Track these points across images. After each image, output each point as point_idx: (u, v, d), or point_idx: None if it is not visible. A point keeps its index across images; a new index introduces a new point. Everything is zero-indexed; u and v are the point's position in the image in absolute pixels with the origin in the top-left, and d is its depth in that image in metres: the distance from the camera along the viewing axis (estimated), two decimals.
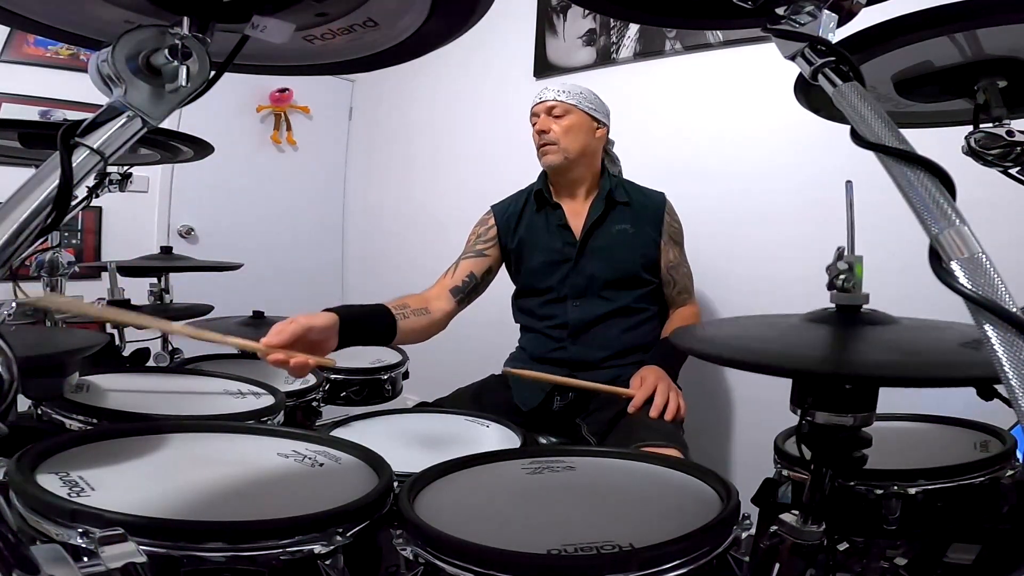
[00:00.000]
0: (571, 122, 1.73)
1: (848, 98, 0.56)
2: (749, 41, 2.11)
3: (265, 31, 0.65)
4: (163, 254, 1.91)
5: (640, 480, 0.95)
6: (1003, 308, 0.42)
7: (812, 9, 0.62)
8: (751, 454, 2.14)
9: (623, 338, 1.72)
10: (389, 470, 0.87)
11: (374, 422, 1.34)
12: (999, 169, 0.92)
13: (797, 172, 2.06)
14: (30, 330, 1.36)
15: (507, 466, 0.98)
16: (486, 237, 1.81)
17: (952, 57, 0.86)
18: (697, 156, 2.29)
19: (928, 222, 0.47)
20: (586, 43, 2.60)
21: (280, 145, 3.47)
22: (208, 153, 1.65)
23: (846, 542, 0.90)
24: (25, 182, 0.54)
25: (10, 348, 0.47)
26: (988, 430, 1.10)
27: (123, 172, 1.71)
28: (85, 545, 0.59)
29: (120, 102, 0.58)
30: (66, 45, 2.64)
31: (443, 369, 2.10)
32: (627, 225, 1.74)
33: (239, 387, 1.33)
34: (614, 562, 0.67)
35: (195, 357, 1.76)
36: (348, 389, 1.80)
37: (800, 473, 0.96)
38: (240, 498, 0.80)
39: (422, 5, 0.68)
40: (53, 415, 1.03)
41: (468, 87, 3.09)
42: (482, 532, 0.72)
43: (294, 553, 0.68)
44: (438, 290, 1.67)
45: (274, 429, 1.07)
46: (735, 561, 0.74)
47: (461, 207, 2.25)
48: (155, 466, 0.87)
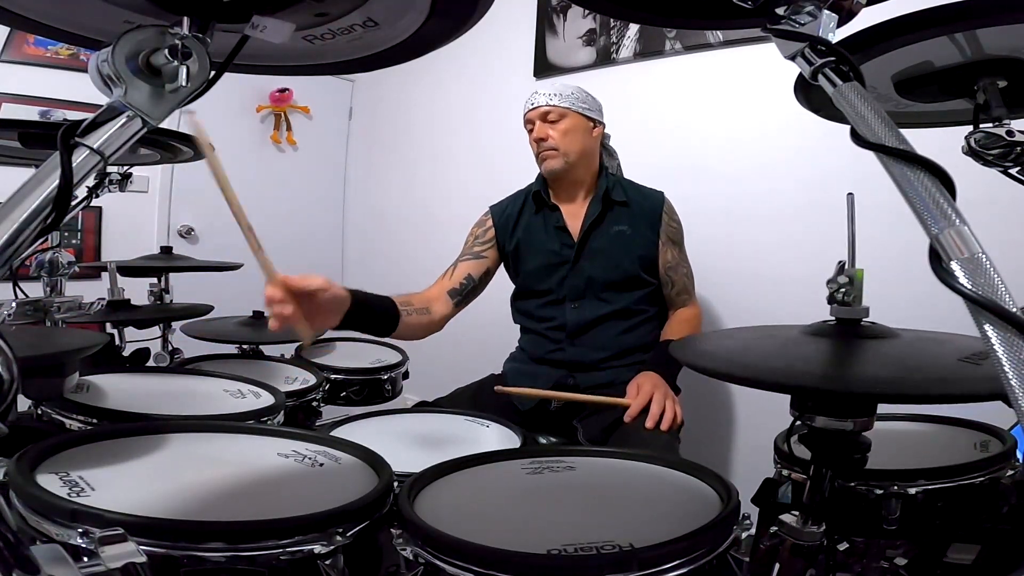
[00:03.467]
0: (568, 125, 1.72)
1: (848, 98, 0.56)
2: (749, 41, 2.11)
3: (265, 31, 0.65)
4: (163, 254, 1.91)
5: (640, 480, 0.95)
6: (1003, 308, 0.42)
7: (812, 9, 0.62)
8: (751, 454, 2.14)
9: (622, 339, 1.71)
10: (389, 470, 0.87)
11: (374, 422, 1.34)
12: (999, 169, 0.92)
13: (797, 172, 2.06)
14: (30, 330, 1.36)
15: (507, 466, 0.98)
16: (484, 239, 1.81)
17: (952, 57, 0.86)
18: (697, 156, 2.29)
19: (928, 222, 0.47)
20: (586, 43, 2.60)
21: (280, 145, 3.47)
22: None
23: (846, 542, 0.90)
24: (25, 182, 0.54)
25: (10, 348, 0.47)
26: (988, 430, 1.10)
27: (123, 172, 1.71)
28: (85, 545, 0.59)
29: (120, 102, 0.58)
30: (66, 45, 2.64)
31: (443, 369, 2.10)
32: (625, 226, 1.73)
33: (239, 387, 1.33)
34: (614, 562, 0.67)
35: (195, 357, 1.76)
36: (348, 389, 1.80)
37: (800, 473, 0.96)
38: (240, 498, 0.80)
39: (422, 5, 0.68)
40: (53, 415, 1.03)
41: (468, 87, 3.09)
42: (482, 532, 0.72)
43: (294, 553, 0.68)
44: (437, 291, 1.67)
45: (274, 429, 1.07)
46: (735, 561, 0.74)
47: (461, 207, 2.25)
48: (155, 466, 0.87)
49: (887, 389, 0.66)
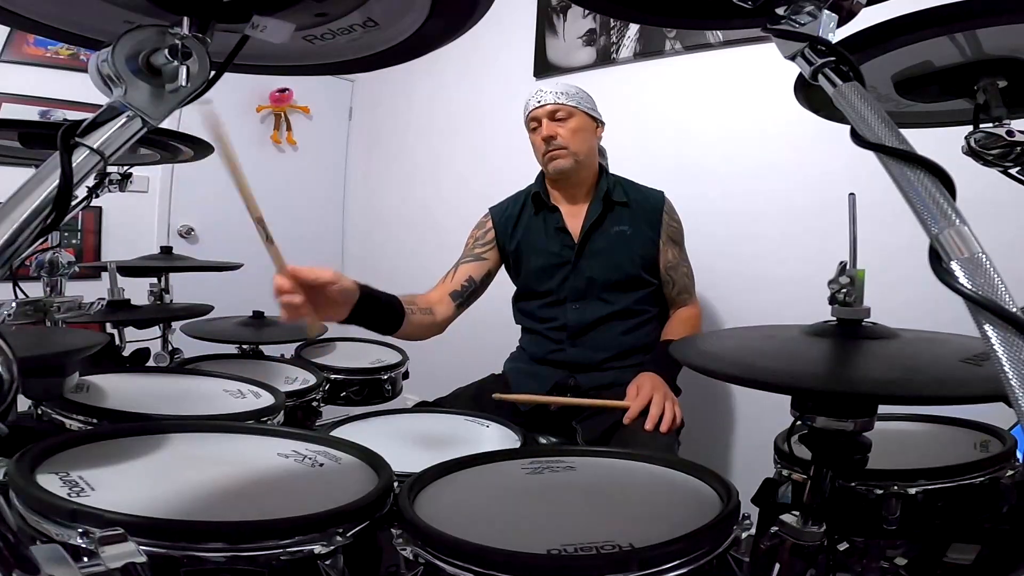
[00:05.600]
0: (577, 124, 1.72)
1: (848, 98, 0.56)
2: (749, 41, 2.11)
3: (265, 31, 0.65)
4: (163, 254, 1.91)
5: (640, 480, 0.95)
6: (1003, 308, 0.42)
7: (812, 9, 0.62)
8: (751, 454, 2.14)
9: (623, 340, 1.71)
10: (389, 470, 0.87)
11: (374, 422, 1.34)
12: (999, 169, 0.92)
13: (797, 172, 2.06)
14: (30, 330, 1.36)
15: (507, 466, 0.98)
16: (484, 240, 1.81)
17: (952, 57, 0.86)
18: (697, 156, 2.29)
19: (928, 222, 0.47)
20: (586, 43, 2.60)
21: (280, 145, 3.46)
22: (208, 153, 1.65)
23: (846, 542, 0.90)
24: (25, 182, 0.53)
25: (10, 348, 0.47)
26: (988, 430, 1.10)
27: (123, 172, 1.71)
28: (85, 545, 0.59)
29: (120, 102, 0.58)
30: (66, 45, 2.64)
31: (443, 369, 2.10)
32: (625, 226, 1.73)
33: (239, 387, 1.33)
34: (614, 562, 0.67)
35: (195, 357, 1.76)
36: (348, 389, 1.80)
37: (800, 473, 0.96)
38: (240, 498, 0.80)
39: (422, 5, 0.68)
40: (53, 415, 1.03)
41: (468, 87, 3.09)
42: (482, 532, 0.72)
43: (294, 553, 0.68)
44: (439, 294, 1.67)
45: (274, 429, 1.07)
46: (735, 561, 0.74)
47: (461, 207, 2.25)
48: (155, 466, 0.87)
49: (888, 390, 0.66)
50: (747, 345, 0.82)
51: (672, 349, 0.82)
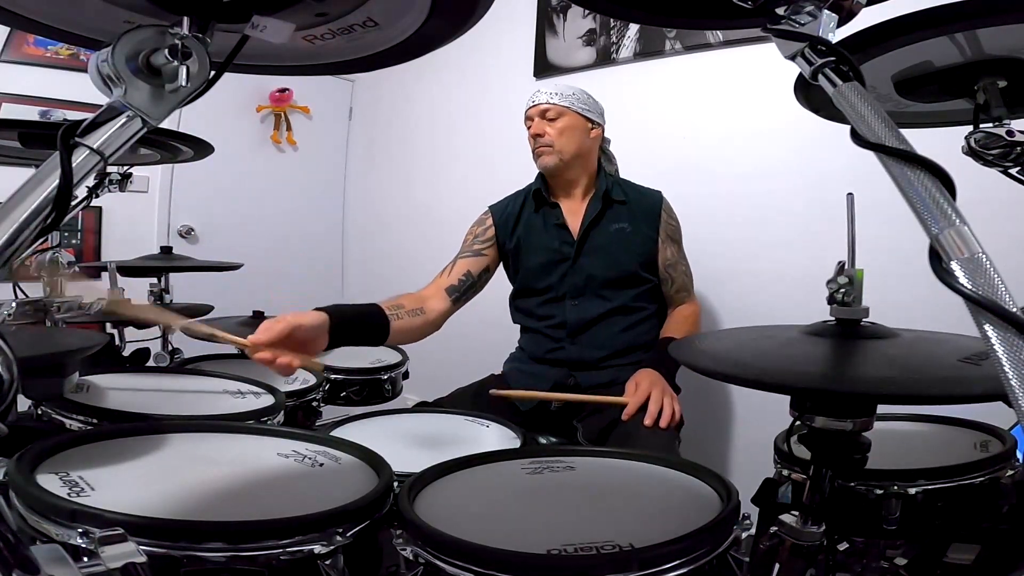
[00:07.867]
0: (565, 124, 1.74)
1: (848, 98, 0.56)
2: (749, 41, 2.11)
3: (265, 31, 0.65)
4: (163, 254, 1.91)
5: (640, 480, 0.95)
6: (1003, 308, 0.42)
7: (812, 9, 0.62)
8: (751, 454, 2.13)
9: (622, 337, 1.72)
10: (389, 470, 0.87)
11: (374, 422, 1.34)
12: (999, 169, 0.92)
13: (797, 172, 2.06)
14: (30, 330, 1.36)
15: (507, 466, 0.98)
16: (484, 237, 1.81)
17: (952, 57, 0.86)
18: (697, 156, 2.29)
19: (928, 222, 0.47)
20: (586, 43, 2.60)
21: (280, 145, 3.46)
22: (208, 153, 1.65)
23: (846, 542, 0.90)
24: (25, 182, 0.54)
25: (10, 348, 0.47)
26: (988, 430, 1.10)
27: (123, 172, 1.71)
28: (85, 545, 0.59)
29: (120, 102, 0.58)
30: (66, 45, 2.64)
31: (443, 369, 2.10)
32: (624, 224, 1.74)
33: (239, 387, 1.33)
34: (614, 562, 0.67)
35: (195, 357, 1.76)
36: (348, 389, 1.80)
37: (800, 473, 0.96)
38: (240, 498, 0.80)
39: (422, 5, 0.68)
40: (53, 415, 1.03)
41: (468, 87, 3.09)
42: (482, 532, 0.72)
43: (294, 553, 0.68)
44: (433, 289, 1.67)
45: (274, 429, 1.07)
46: (735, 561, 0.74)
47: (461, 207, 2.25)
48: (155, 466, 0.87)
49: (887, 389, 0.66)
50: (746, 345, 0.82)
51: (671, 349, 0.82)
